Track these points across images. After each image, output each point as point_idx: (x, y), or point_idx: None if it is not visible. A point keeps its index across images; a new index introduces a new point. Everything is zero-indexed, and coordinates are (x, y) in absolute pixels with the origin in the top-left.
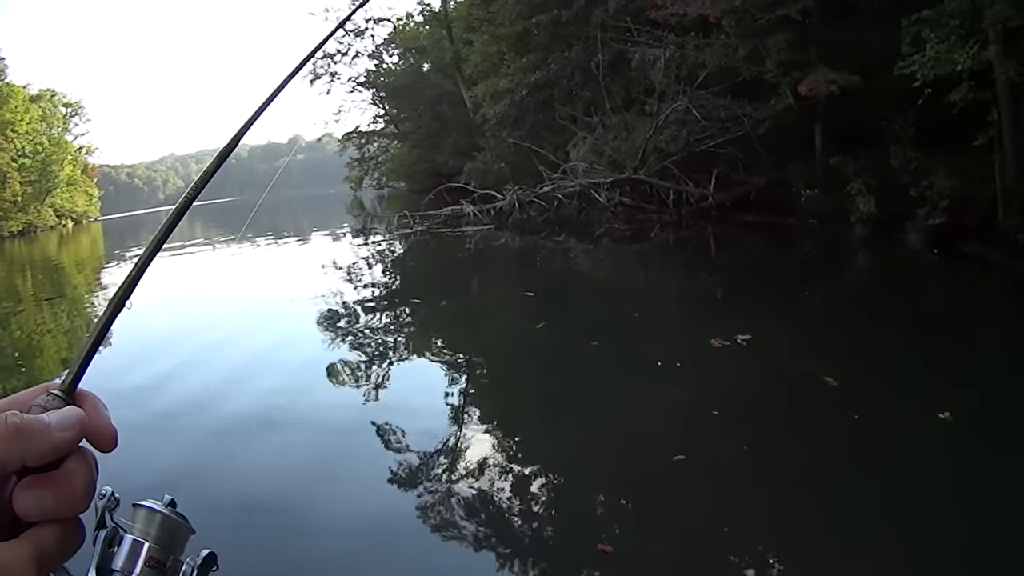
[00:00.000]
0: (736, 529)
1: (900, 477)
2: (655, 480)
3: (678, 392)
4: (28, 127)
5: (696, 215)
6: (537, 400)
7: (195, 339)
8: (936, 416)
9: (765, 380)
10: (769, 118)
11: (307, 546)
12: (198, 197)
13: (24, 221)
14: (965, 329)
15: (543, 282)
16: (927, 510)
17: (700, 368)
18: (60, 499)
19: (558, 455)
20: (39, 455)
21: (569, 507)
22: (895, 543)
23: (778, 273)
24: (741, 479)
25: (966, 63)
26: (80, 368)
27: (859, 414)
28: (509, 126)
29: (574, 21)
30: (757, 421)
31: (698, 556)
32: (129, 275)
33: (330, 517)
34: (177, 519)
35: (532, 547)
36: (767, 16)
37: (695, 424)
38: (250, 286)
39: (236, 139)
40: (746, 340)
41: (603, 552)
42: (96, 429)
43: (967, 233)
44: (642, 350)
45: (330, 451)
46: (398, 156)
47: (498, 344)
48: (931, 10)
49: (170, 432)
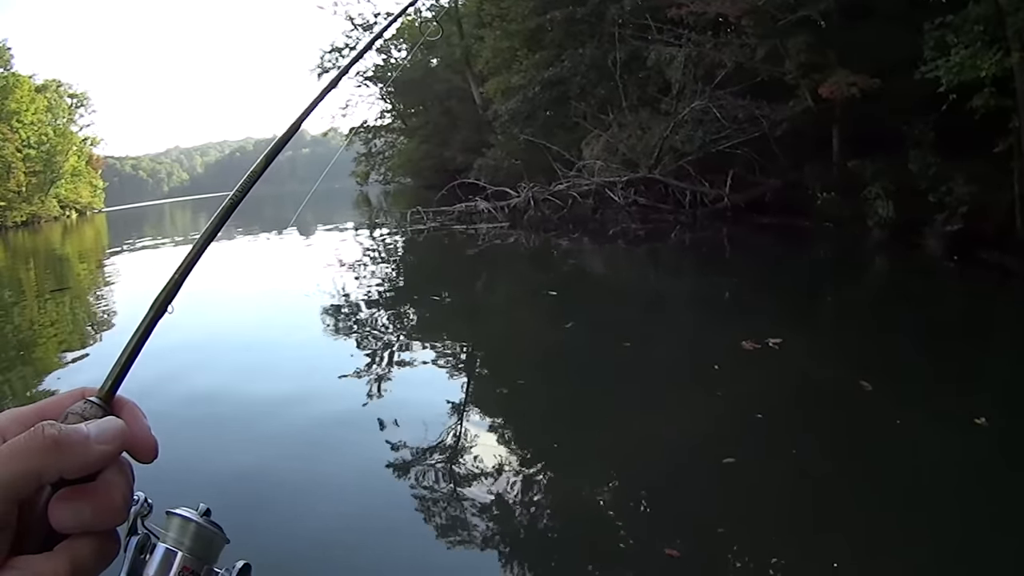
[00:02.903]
0: (797, 533)
1: (950, 483)
2: (710, 483)
3: (720, 395)
4: (33, 117)
5: (711, 216)
6: (580, 402)
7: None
8: (972, 422)
9: (802, 384)
10: (787, 120)
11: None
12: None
13: (28, 212)
14: (988, 336)
15: (562, 281)
16: (981, 516)
17: (737, 371)
18: (98, 512)
19: (609, 458)
20: (78, 468)
21: (629, 511)
22: (948, 548)
23: (798, 276)
24: (794, 482)
25: (990, 70)
26: (120, 374)
27: (900, 419)
28: (521, 123)
29: (589, 18)
30: (800, 424)
31: (764, 559)
32: (172, 278)
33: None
34: (212, 529)
35: (601, 552)
36: (788, 17)
37: (740, 427)
38: (291, 283)
39: (294, 128)
40: (777, 344)
41: (670, 556)
42: (136, 441)
43: (985, 240)
44: (675, 352)
45: (386, 448)
46: (405, 151)
47: (530, 344)
48: (955, 15)
49: (185, 426)
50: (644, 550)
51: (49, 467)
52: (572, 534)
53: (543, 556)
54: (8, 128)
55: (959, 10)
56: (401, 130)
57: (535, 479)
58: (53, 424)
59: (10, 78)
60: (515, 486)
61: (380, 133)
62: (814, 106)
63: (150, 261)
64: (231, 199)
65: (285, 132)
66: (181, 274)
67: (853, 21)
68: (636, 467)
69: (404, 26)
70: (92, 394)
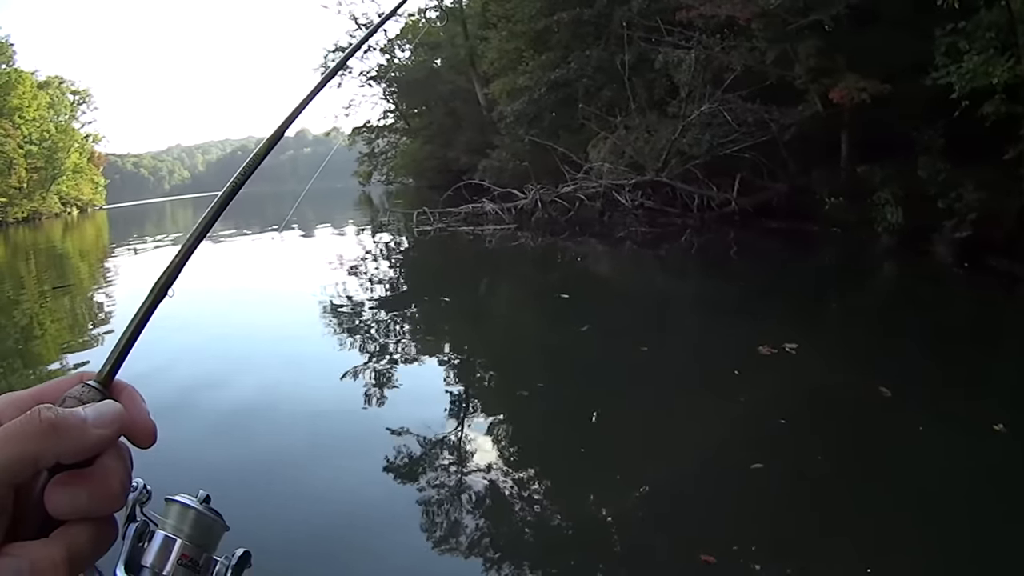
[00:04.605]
0: (829, 538)
1: (979, 489)
2: (739, 489)
3: (742, 400)
4: (35, 114)
5: (719, 220)
6: (602, 406)
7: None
8: (992, 428)
9: (821, 389)
10: (796, 124)
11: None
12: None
13: (29, 208)
14: (1000, 343)
15: (573, 284)
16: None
17: (756, 376)
18: (95, 497)
19: (637, 464)
20: (75, 453)
21: (662, 517)
22: (986, 553)
23: (807, 281)
24: (823, 488)
25: (1001, 76)
26: (119, 358)
27: (922, 425)
28: (526, 124)
29: (596, 19)
30: (824, 430)
31: (799, 564)
32: (172, 262)
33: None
34: (212, 516)
35: (638, 559)
36: (798, 21)
37: (765, 433)
38: (303, 284)
39: (287, 124)
40: (794, 349)
41: (706, 563)
42: (135, 425)
43: (994, 247)
44: (693, 357)
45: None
46: (408, 152)
47: (546, 347)
48: (968, 21)
49: (183, 418)
50: (680, 556)
51: (45, 451)
52: (607, 540)
53: (584, 563)
54: (10, 124)
55: (969, 16)
56: (404, 130)
57: (564, 485)
58: (50, 407)
59: (12, 74)
60: (544, 491)
61: (383, 133)
62: (823, 111)
63: (152, 259)
64: (233, 182)
65: (280, 125)
66: (182, 258)
67: (863, 26)
68: (664, 473)
69: (408, 26)
70: (91, 378)
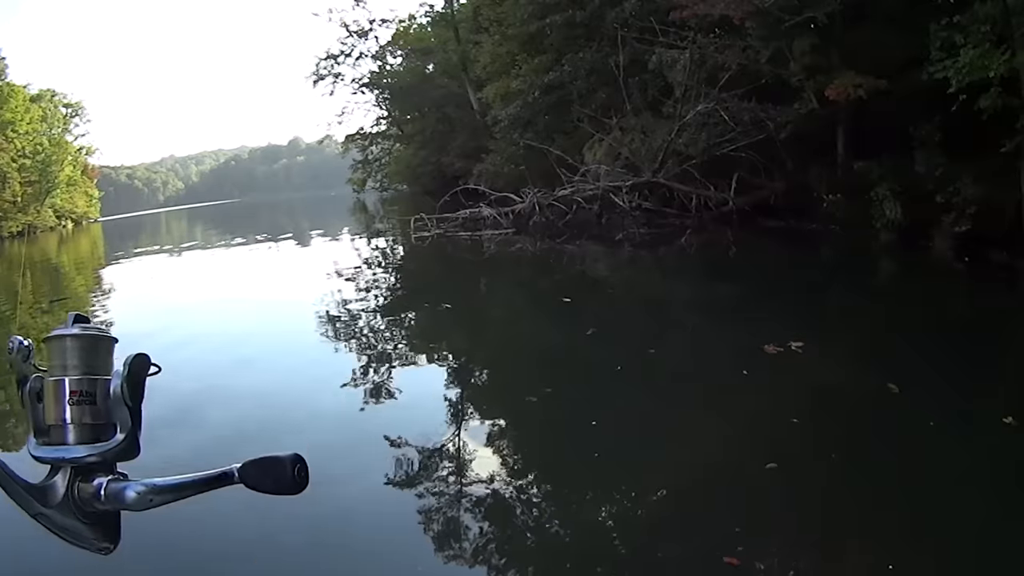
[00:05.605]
0: (850, 536)
1: (997, 482)
2: (756, 489)
3: (752, 399)
4: (28, 127)
5: (717, 220)
6: (614, 408)
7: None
8: (1001, 421)
9: (830, 387)
10: (792, 122)
11: None
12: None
13: (24, 222)
14: (1004, 338)
15: (575, 287)
16: None
17: (764, 375)
18: None
19: (653, 465)
20: None
21: (681, 518)
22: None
23: (808, 279)
24: (839, 486)
25: (998, 69)
26: None
27: (932, 420)
28: (521, 128)
29: (588, 21)
30: (836, 428)
31: (821, 564)
32: None
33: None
34: (89, 335)
35: (661, 561)
36: (792, 18)
37: (778, 431)
38: (301, 290)
39: None
40: (800, 347)
41: (730, 565)
42: None
43: (994, 241)
44: (700, 357)
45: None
46: (402, 158)
47: (554, 351)
48: (963, 15)
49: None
50: (703, 558)
51: None
52: (630, 544)
53: (610, 568)
54: (3, 138)
55: (964, 10)
56: (397, 137)
57: (580, 490)
58: None
59: (4, 88)
60: (561, 497)
61: (376, 140)
62: (819, 108)
63: (148, 269)
64: None
65: None
66: None
67: (857, 22)
68: (682, 474)
69: (399, 32)
70: None
